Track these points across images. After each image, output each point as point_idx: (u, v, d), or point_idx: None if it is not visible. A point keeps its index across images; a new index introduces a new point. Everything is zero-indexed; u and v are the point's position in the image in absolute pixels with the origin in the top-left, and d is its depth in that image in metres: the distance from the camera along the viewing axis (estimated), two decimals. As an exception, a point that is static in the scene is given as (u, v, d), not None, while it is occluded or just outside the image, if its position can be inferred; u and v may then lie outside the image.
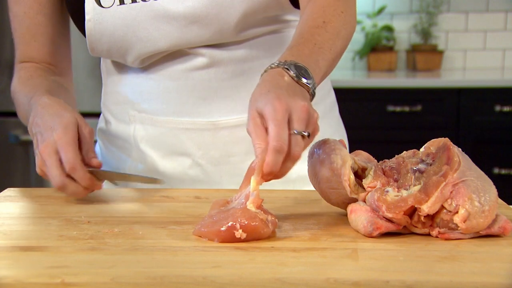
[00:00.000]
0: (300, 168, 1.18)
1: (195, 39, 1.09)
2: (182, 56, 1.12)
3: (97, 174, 0.99)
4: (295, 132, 0.81)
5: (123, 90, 1.19)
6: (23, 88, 1.14)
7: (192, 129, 1.15)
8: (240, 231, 0.77)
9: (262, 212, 0.80)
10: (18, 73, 1.19)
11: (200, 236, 0.80)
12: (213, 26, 1.08)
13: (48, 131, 0.97)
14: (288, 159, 0.81)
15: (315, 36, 0.96)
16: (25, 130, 1.91)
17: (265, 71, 0.89)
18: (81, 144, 0.99)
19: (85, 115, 2.79)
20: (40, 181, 2.75)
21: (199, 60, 1.12)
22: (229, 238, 0.78)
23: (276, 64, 0.89)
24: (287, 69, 0.87)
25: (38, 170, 0.99)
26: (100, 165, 1.00)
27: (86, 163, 0.98)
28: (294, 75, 0.87)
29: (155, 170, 1.17)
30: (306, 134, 0.82)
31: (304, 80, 0.87)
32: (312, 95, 0.89)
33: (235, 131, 1.15)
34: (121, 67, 1.19)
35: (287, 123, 0.81)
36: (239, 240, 0.78)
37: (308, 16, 1.01)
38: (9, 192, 1.05)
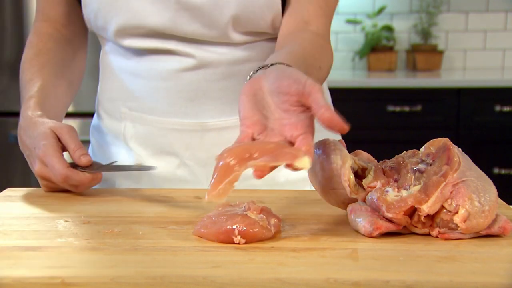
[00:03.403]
0: (288, 172, 1.18)
1: (184, 26, 1.09)
2: (172, 56, 1.12)
3: (91, 168, 1.02)
4: None
5: (116, 87, 1.20)
6: (27, 69, 1.14)
7: (180, 129, 1.15)
8: (239, 237, 0.77)
9: (264, 217, 0.80)
10: (31, 36, 1.20)
11: (200, 237, 0.80)
12: (205, 18, 1.08)
13: (32, 152, 1.03)
14: None
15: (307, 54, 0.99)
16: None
17: (250, 76, 0.87)
18: (67, 147, 1.02)
19: (85, 115, 2.77)
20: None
21: (189, 61, 1.12)
22: (228, 241, 0.77)
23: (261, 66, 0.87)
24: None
25: (45, 189, 1.05)
26: (89, 162, 1.02)
27: (77, 164, 1.02)
28: None
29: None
30: None
31: None
32: None
33: (223, 133, 1.15)
34: (116, 63, 1.19)
35: None
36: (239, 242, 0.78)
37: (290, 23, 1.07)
38: (9, 192, 1.05)
